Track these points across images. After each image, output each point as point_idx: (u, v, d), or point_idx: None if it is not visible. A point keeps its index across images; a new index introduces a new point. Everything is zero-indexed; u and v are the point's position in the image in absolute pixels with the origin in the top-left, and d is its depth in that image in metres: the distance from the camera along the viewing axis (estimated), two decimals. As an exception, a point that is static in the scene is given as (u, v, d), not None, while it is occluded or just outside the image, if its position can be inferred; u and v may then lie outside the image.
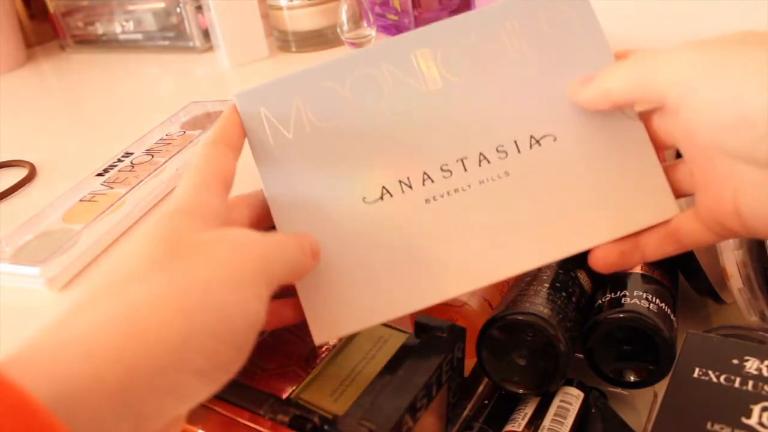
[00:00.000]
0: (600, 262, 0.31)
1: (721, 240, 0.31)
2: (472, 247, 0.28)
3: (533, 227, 0.28)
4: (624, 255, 0.31)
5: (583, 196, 0.29)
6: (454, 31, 0.30)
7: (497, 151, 0.29)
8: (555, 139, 0.29)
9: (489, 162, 0.28)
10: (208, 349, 0.22)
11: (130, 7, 0.71)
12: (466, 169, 0.28)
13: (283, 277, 0.26)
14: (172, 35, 0.70)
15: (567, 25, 0.30)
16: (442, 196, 0.28)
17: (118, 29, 0.73)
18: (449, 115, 0.29)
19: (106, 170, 0.43)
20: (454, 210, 0.28)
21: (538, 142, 0.29)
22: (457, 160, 0.29)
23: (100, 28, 0.75)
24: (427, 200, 0.28)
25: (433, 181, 0.28)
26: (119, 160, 0.43)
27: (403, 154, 0.29)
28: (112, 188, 0.41)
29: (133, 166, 0.41)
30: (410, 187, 0.28)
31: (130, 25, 0.72)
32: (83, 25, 0.77)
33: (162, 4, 0.69)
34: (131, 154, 0.43)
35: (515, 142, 0.29)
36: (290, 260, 0.27)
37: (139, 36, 0.73)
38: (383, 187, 0.29)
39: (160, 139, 0.44)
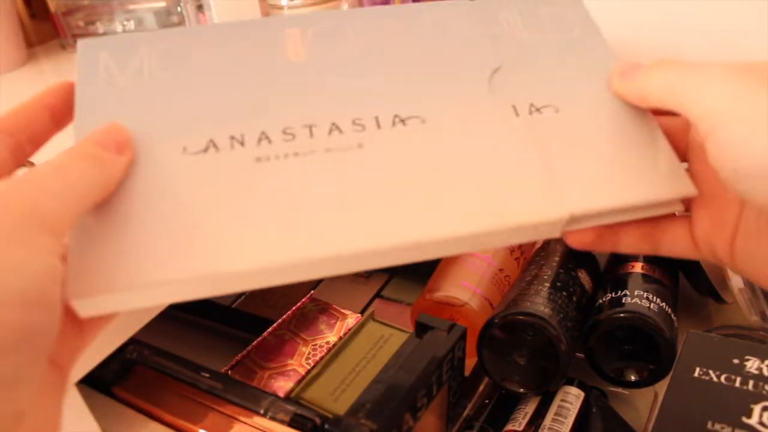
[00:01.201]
0: (576, 239, 0.28)
1: (703, 259, 0.29)
2: (305, 215, 0.23)
3: (370, 207, 0.24)
4: (600, 237, 0.28)
5: (443, 181, 0.25)
6: (337, 17, 0.29)
7: (353, 123, 0.26)
8: (423, 122, 0.26)
9: (341, 132, 0.25)
10: None
11: (131, 7, 0.71)
12: (312, 136, 0.25)
13: (78, 204, 0.22)
14: (173, 35, 0.70)
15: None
16: (278, 158, 0.25)
17: (119, 28, 0.73)
18: (305, 83, 0.27)
19: None
20: (288, 174, 0.24)
21: (402, 121, 0.26)
22: (303, 126, 0.26)
23: (100, 28, 0.75)
24: (258, 159, 0.25)
25: (270, 142, 0.25)
26: None
27: (241, 112, 0.26)
28: None
29: None
30: (242, 144, 0.25)
31: (131, 25, 0.72)
32: (84, 25, 0.77)
33: (163, 4, 0.69)
34: None
35: (376, 117, 0.26)
36: (80, 179, 0.22)
37: (139, 35, 0.73)
38: (210, 140, 0.25)
39: None
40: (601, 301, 0.43)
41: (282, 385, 0.39)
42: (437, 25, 0.29)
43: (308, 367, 0.40)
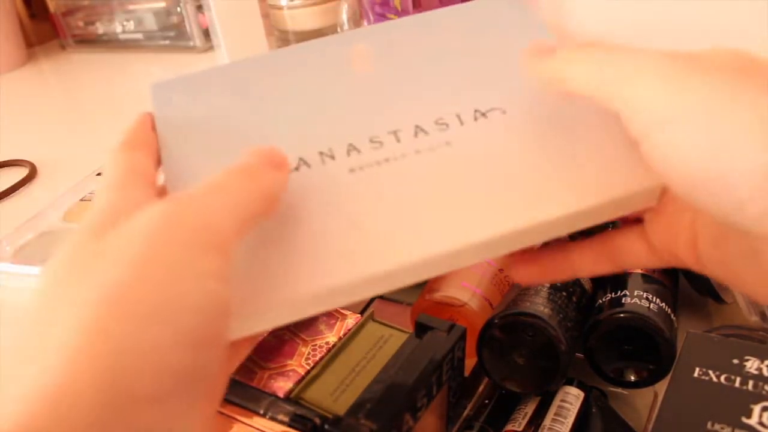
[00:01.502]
0: (520, 272, 0.27)
1: (668, 266, 0.26)
2: (406, 217, 0.24)
3: (480, 197, 0.25)
4: (551, 263, 0.26)
5: (537, 167, 0.25)
6: (388, 30, 0.30)
7: (436, 123, 0.26)
8: (504, 112, 0.27)
9: (427, 133, 0.26)
10: (149, 368, 0.17)
11: (131, 7, 0.71)
12: (399, 141, 0.26)
13: (243, 222, 0.21)
14: (173, 35, 0.70)
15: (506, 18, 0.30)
16: (371, 166, 0.25)
17: (119, 29, 0.73)
18: (379, 94, 0.28)
19: None
20: (384, 179, 0.25)
21: (483, 115, 0.27)
22: (388, 132, 0.26)
23: (100, 28, 0.75)
24: (352, 169, 0.25)
25: (359, 152, 0.26)
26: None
27: (324, 129, 0.27)
28: None
29: None
30: (332, 158, 0.26)
31: (131, 25, 0.72)
32: (84, 25, 0.77)
33: (162, 4, 0.69)
34: None
35: (457, 115, 0.27)
36: (242, 195, 0.21)
37: (139, 35, 0.73)
38: (300, 158, 0.26)
39: None
40: (601, 301, 0.43)
41: (282, 385, 0.39)
42: (481, 23, 0.30)
43: (308, 368, 0.40)
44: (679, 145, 0.20)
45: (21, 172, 0.51)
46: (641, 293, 0.42)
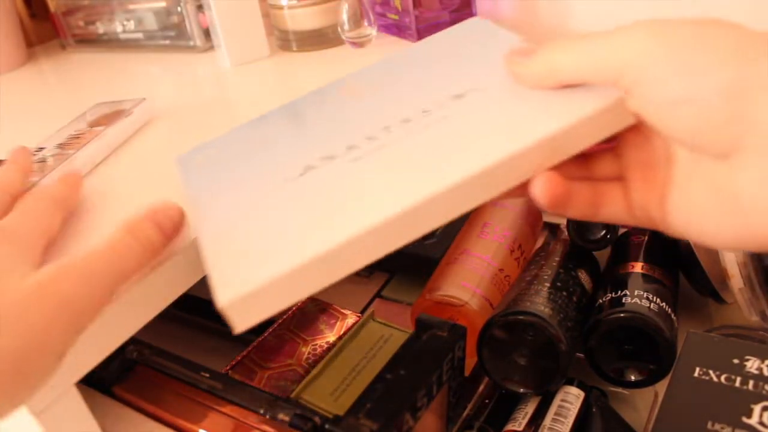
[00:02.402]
0: (547, 194, 0.28)
1: (639, 225, 0.30)
2: (399, 174, 0.27)
3: (467, 143, 0.27)
4: (565, 194, 0.29)
5: (513, 112, 0.28)
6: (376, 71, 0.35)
7: (422, 112, 0.30)
8: (479, 90, 0.30)
9: (413, 121, 0.29)
10: None
11: (131, 7, 0.71)
12: (391, 132, 0.29)
13: (95, 306, 0.25)
14: (173, 34, 0.70)
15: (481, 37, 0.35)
16: (371, 153, 0.28)
17: (119, 28, 0.73)
18: (371, 105, 0.32)
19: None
20: (381, 158, 0.28)
21: (461, 96, 0.30)
22: (382, 129, 0.30)
23: (100, 28, 0.75)
24: (355, 159, 0.28)
25: (360, 148, 0.29)
26: (33, 154, 0.45)
27: (325, 138, 0.30)
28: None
29: (45, 160, 0.43)
30: (332, 159, 0.29)
31: (131, 25, 0.72)
32: (84, 24, 0.77)
33: (163, 4, 0.69)
34: (44, 148, 0.45)
35: (437, 102, 0.30)
36: (102, 277, 0.25)
37: (139, 35, 0.73)
38: (306, 166, 0.29)
39: (69, 135, 0.46)
40: (601, 301, 0.43)
41: (282, 385, 0.39)
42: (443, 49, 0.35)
43: (308, 367, 0.40)
44: (659, 77, 0.24)
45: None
46: (641, 293, 0.42)
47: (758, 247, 0.25)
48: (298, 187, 0.28)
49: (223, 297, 0.23)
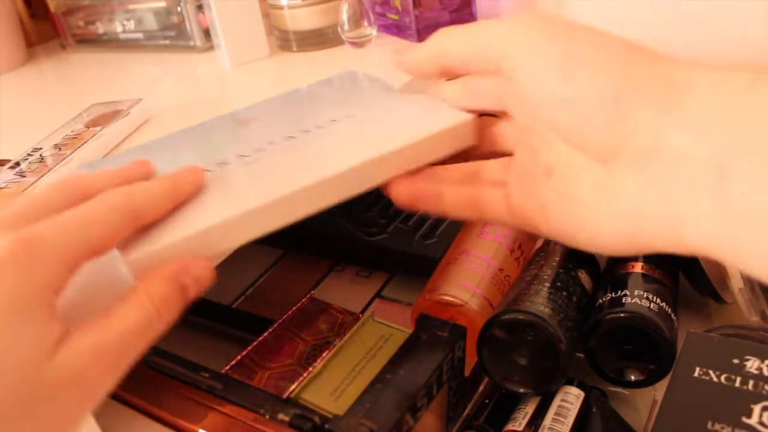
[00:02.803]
0: (399, 189, 0.31)
1: (521, 228, 0.31)
2: (272, 176, 0.31)
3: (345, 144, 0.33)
4: (423, 193, 0.31)
5: (373, 131, 0.34)
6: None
7: (302, 132, 0.35)
8: (352, 117, 0.35)
9: (297, 138, 0.34)
10: None
11: (131, 7, 0.71)
12: (276, 145, 0.34)
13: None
14: (173, 34, 0.70)
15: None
16: (256, 161, 0.33)
17: (119, 28, 0.73)
18: (259, 128, 0.37)
19: (17, 163, 0.44)
20: (261, 165, 0.33)
21: (336, 120, 0.35)
22: (268, 143, 0.34)
23: (100, 27, 0.75)
24: (248, 164, 0.33)
25: (248, 156, 0.34)
26: (29, 155, 0.45)
27: (219, 152, 0.35)
28: (24, 177, 0.41)
29: (42, 159, 0.43)
30: (226, 164, 0.33)
31: (131, 24, 0.72)
32: (84, 24, 0.77)
33: (163, 4, 0.69)
34: (40, 149, 0.45)
35: (317, 126, 0.35)
36: (129, 359, 0.26)
37: (139, 35, 0.73)
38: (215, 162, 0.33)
39: (66, 136, 0.46)
40: (601, 301, 0.43)
41: (282, 385, 0.39)
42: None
43: (308, 367, 0.40)
44: (540, 70, 0.25)
45: (21, 172, 0.51)
46: (641, 293, 0.42)
47: (646, 250, 0.25)
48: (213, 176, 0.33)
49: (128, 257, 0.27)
